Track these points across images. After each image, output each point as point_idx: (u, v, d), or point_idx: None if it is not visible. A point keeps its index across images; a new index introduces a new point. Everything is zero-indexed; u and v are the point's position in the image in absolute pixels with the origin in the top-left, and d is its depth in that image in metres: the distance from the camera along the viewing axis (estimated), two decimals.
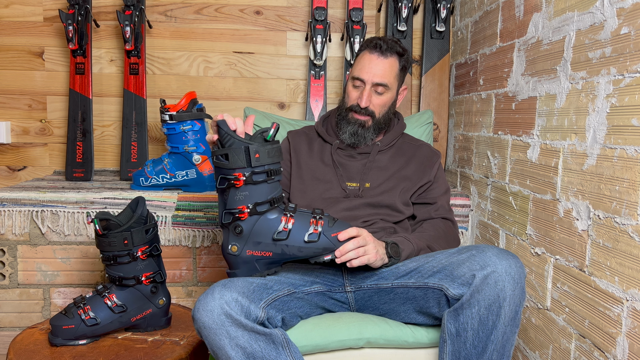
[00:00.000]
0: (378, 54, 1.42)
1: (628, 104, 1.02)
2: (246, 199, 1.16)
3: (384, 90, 1.43)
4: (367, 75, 1.41)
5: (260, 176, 1.15)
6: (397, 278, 1.28)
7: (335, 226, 1.19)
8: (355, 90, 1.45)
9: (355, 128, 1.44)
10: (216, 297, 1.09)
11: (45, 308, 1.78)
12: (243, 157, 1.13)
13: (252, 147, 1.13)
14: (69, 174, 2.06)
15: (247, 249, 1.19)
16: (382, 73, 1.42)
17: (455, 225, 1.50)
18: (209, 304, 1.08)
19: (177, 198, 1.78)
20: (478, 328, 1.12)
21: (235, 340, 1.08)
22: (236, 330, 1.08)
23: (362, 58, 1.44)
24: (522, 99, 1.48)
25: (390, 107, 1.48)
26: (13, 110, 2.23)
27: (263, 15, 2.25)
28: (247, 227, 1.17)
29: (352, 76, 1.45)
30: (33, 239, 1.75)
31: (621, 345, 1.03)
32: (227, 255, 1.21)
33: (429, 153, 1.53)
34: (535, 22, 1.41)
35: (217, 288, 1.11)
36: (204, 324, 1.08)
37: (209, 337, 1.09)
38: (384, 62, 1.42)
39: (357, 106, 1.43)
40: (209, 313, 1.07)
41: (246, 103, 2.28)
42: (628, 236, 1.01)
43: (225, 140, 1.14)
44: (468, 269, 1.14)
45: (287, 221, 1.18)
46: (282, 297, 1.21)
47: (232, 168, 1.14)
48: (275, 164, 1.17)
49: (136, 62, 2.11)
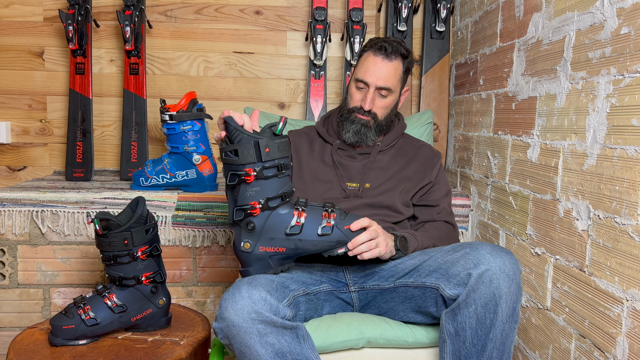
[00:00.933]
0: (383, 56, 1.40)
1: (628, 104, 1.02)
2: (257, 194, 1.15)
3: (388, 93, 1.43)
4: (372, 79, 1.40)
5: (270, 171, 1.14)
6: (398, 278, 1.28)
7: (347, 218, 1.19)
8: (358, 92, 1.44)
9: (359, 127, 1.44)
10: (244, 295, 1.07)
11: (45, 308, 1.78)
12: (253, 152, 1.12)
13: (262, 141, 1.12)
14: (69, 174, 2.06)
15: (260, 245, 1.18)
16: (387, 77, 1.40)
17: (456, 228, 1.51)
18: (238, 302, 1.06)
19: (177, 198, 1.78)
20: (476, 327, 1.12)
21: (265, 338, 1.07)
22: (265, 327, 1.06)
23: (366, 60, 1.43)
24: (522, 99, 1.48)
25: (392, 109, 1.47)
26: (13, 110, 2.23)
27: (263, 15, 2.25)
28: (259, 223, 1.16)
29: (356, 78, 1.44)
30: (33, 239, 1.75)
31: (621, 345, 1.03)
32: (240, 253, 1.19)
33: (430, 154, 1.53)
34: (535, 22, 1.41)
35: (243, 287, 1.10)
36: (233, 323, 1.06)
37: (238, 335, 1.07)
38: (388, 65, 1.40)
39: (360, 108, 1.43)
40: (238, 312, 1.06)
41: (246, 103, 2.28)
42: (628, 236, 1.01)
43: (234, 136, 1.13)
44: (462, 267, 1.15)
45: (300, 215, 1.17)
46: (298, 296, 1.22)
47: (242, 164, 1.13)
48: (284, 158, 1.16)
49: (136, 62, 2.11)
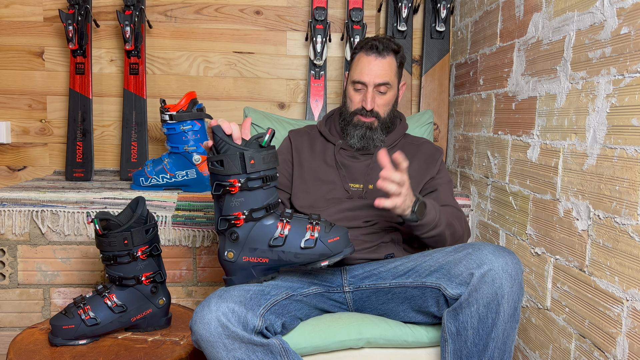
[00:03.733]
0: (375, 55, 1.41)
1: (628, 104, 1.02)
2: (242, 205, 1.15)
3: (387, 89, 1.43)
4: (369, 78, 1.41)
5: (255, 182, 1.14)
6: (395, 278, 1.28)
7: (331, 232, 1.18)
8: (357, 93, 1.44)
9: (363, 131, 1.43)
10: (212, 309, 1.08)
11: (45, 308, 1.78)
12: (238, 164, 1.12)
13: (247, 153, 1.12)
14: (69, 174, 2.06)
15: (243, 255, 1.18)
16: (383, 73, 1.41)
17: (464, 214, 1.47)
18: (205, 316, 1.07)
19: (177, 198, 1.78)
20: (478, 326, 1.12)
21: (233, 353, 1.07)
22: (233, 342, 1.07)
23: (360, 61, 1.43)
24: (522, 99, 1.48)
25: (393, 104, 1.48)
26: (13, 110, 2.23)
27: (263, 15, 2.25)
28: (243, 233, 1.16)
29: (353, 80, 1.44)
30: (33, 239, 1.75)
31: (621, 345, 1.03)
32: (224, 262, 1.20)
33: (431, 150, 1.53)
34: (535, 22, 1.41)
35: (213, 299, 1.10)
36: (202, 337, 1.07)
37: (207, 349, 1.08)
38: (382, 62, 1.41)
39: (362, 109, 1.43)
40: (205, 325, 1.07)
41: (246, 103, 2.28)
42: (628, 236, 1.01)
43: (220, 147, 1.13)
44: (465, 267, 1.15)
45: (284, 227, 1.17)
46: (280, 301, 1.21)
47: (227, 174, 1.13)
48: (270, 170, 1.16)
49: (136, 62, 2.11)
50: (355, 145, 1.45)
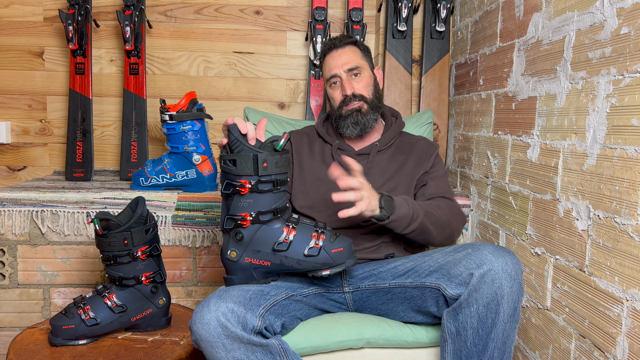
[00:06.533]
0: (335, 49, 1.50)
1: (628, 104, 1.02)
2: (250, 206, 1.15)
3: (359, 71, 1.48)
4: (337, 69, 1.48)
5: (266, 185, 1.14)
6: (394, 278, 1.28)
7: (336, 242, 1.18)
8: (335, 89, 1.50)
9: (354, 117, 1.46)
10: (212, 308, 1.08)
11: (45, 308, 1.78)
12: (251, 165, 1.12)
13: (261, 155, 1.12)
14: (69, 174, 2.06)
15: (246, 256, 1.18)
16: (348, 59, 1.48)
17: (455, 202, 1.44)
18: (204, 316, 1.07)
19: (177, 198, 1.78)
20: (478, 327, 1.12)
21: (232, 353, 1.07)
22: (232, 343, 1.07)
23: (326, 62, 1.52)
24: (522, 99, 1.48)
25: (374, 85, 1.51)
26: (13, 110, 2.23)
27: (263, 15, 2.25)
28: (248, 234, 1.16)
29: (326, 79, 1.52)
30: (33, 239, 1.75)
31: (621, 345, 1.03)
32: (226, 261, 1.20)
33: (426, 146, 1.53)
34: (535, 22, 1.41)
35: (212, 299, 1.10)
36: (201, 337, 1.08)
37: (206, 349, 1.08)
38: (343, 50, 1.49)
39: (344, 99, 1.47)
40: (205, 325, 1.07)
41: (246, 103, 2.28)
42: (628, 236, 1.01)
43: (235, 146, 1.12)
44: (465, 267, 1.15)
45: (289, 232, 1.17)
46: (280, 301, 1.21)
47: (239, 175, 1.13)
48: (282, 175, 1.16)
49: (136, 62, 2.11)
50: (351, 134, 1.48)
